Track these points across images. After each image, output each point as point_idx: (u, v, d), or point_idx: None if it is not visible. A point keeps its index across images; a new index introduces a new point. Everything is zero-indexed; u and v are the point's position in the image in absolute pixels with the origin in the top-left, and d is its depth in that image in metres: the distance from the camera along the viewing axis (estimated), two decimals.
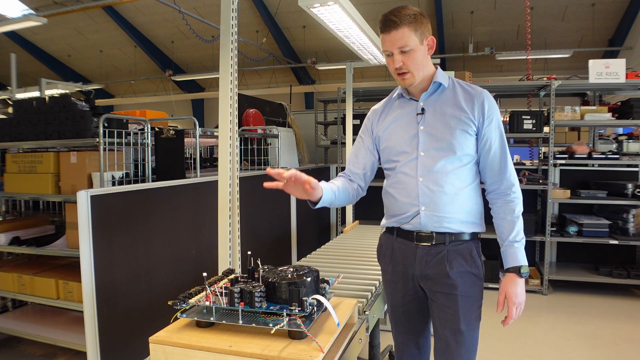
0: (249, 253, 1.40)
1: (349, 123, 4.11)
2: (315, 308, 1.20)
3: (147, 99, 14.42)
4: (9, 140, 3.12)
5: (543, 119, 4.43)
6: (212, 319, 1.21)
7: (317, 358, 1.07)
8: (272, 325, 1.14)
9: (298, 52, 11.71)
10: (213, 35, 9.37)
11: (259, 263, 1.36)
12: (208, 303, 1.23)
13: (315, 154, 5.67)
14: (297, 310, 1.15)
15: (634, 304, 4.05)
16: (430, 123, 1.51)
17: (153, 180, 3.21)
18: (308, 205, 1.52)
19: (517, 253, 1.50)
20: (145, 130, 3.22)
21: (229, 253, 1.91)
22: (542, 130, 4.41)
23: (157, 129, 3.30)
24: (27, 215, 3.83)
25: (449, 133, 1.48)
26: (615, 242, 4.18)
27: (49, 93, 6.04)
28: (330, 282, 1.39)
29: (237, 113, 1.92)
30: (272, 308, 1.21)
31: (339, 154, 5.15)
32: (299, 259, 2.58)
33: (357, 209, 5.08)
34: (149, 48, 12.13)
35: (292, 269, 1.32)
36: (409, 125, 1.55)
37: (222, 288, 1.24)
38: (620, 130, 6.46)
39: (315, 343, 1.11)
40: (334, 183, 1.59)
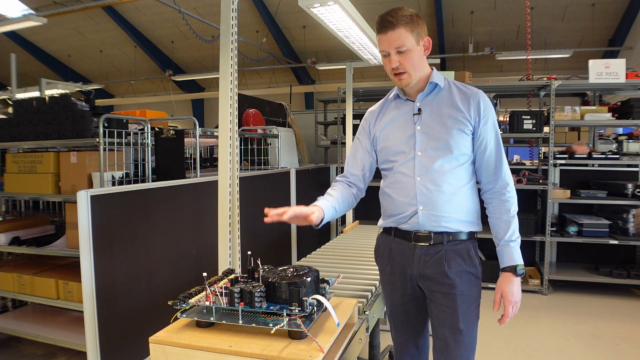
0: (249, 253, 1.40)
1: (349, 123, 4.11)
2: (315, 308, 1.20)
3: (147, 99, 14.42)
4: (9, 140, 3.12)
5: (543, 119, 4.43)
6: (212, 319, 1.21)
7: (317, 358, 1.07)
8: (272, 325, 1.14)
9: (298, 52, 11.71)
10: (213, 35, 9.36)
11: (259, 263, 1.36)
12: (208, 303, 1.23)
13: (315, 154, 5.67)
14: (297, 310, 1.16)
15: (634, 304, 4.05)
16: (427, 123, 1.53)
17: (153, 180, 3.21)
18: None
19: (512, 252, 1.52)
20: (145, 130, 3.22)
21: (229, 253, 1.91)
22: (542, 130, 4.41)
23: (157, 129, 3.31)
24: (27, 215, 3.83)
25: (446, 133, 1.50)
26: (615, 242, 4.18)
27: (49, 93, 6.04)
28: (330, 282, 1.39)
29: (237, 113, 1.92)
30: (272, 308, 1.21)
31: (339, 154, 5.15)
32: (299, 259, 2.58)
33: (357, 209, 5.08)
34: (149, 48, 12.13)
35: (292, 269, 1.32)
36: (406, 126, 1.56)
37: (222, 288, 1.24)
38: (620, 130, 6.46)
39: (315, 343, 1.11)
40: (333, 196, 1.59)
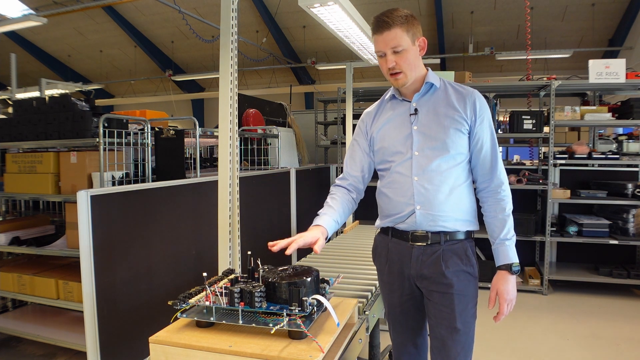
0: (249, 253, 1.40)
1: (349, 123, 4.10)
2: (315, 308, 1.20)
3: (147, 99, 14.42)
4: (9, 140, 3.12)
5: (543, 119, 4.43)
6: (212, 319, 1.21)
7: (317, 358, 1.07)
8: (272, 325, 1.14)
9: (298, 52, 11.71)
10: (213, 35, 9.36)
11: (259, 263, 1.36)
12: (208, 303, 1.23)
13: (315, 154, 5.67)
14: (297, 310, 1.16)
15: (634, 304, 4.05)
16: (424, 123, 1.53)
17: (153, 180, 3.21)
18: (308, 206, 1.52)
19: (508, 251, 1.52)
20: (145, 130, 3.22)
21: (229, 253, 1.91)
22: (542, 130, 4.41)
23: (157, 129, 3.31)
24: (27, 215, 3.84)
25: (443, 132, 1.50)
26: (615, 242, 4.18)
27: (49, 93, 6.04)
28: (330, 282, 1.39)
29: (237, 113, 1.92)
30: (272, 308, 1.21)
31: (339, 154, 5.15)
32: (299, 259, 2.58)
33: (357, 209, 5.07)
34: (149, 48, 12.13)
35: (292, 269, 1.32)
36: (403, 126, 1.57)
37: (222, 288, 1.24)
38: (620, 130, 6.46)
39: (315, 343, 1.11)
40: (334, 207, 1.60)
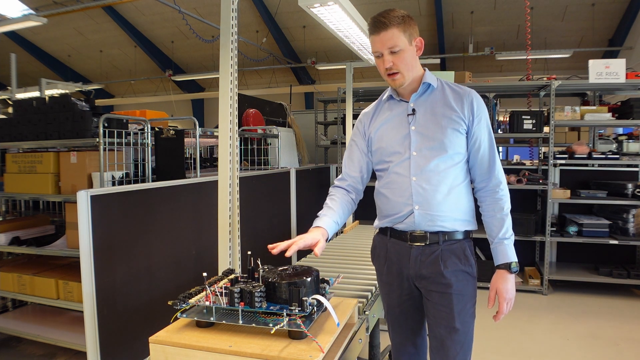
0: (249, 253, 1.40)
1: (349, 123, 4.10)
2: (315, 308, 1.20)
3: (147, 99, 14.41)
4: (9, 140, 3.12)
5: (543, 119, 4.43)
6: (212, 319, 1.21)
7: (317, 358, 1.07)
8: (272, 325, 1.14)
9: (298, 52, 11.71)
10: (213, 35, 9.36)
11: (259, 263, 1.36)
12: (208, 303, 1.23)
13: (315, 154, 5.67)
14: (297, 310, 1.16)
15: (634, 304, 4.05)
16: (422, 123, 1.54)
17: (153, 180, 3.21)
18: (308, 206, 1.52)
19: (507, 250, 1.52)
20: (145, 130, 3.22)
21: (229, 253, 1.91)
22: (542, 130, 4.40)
23: (157, 129, 3.31)
24: (27, 215, 3.83)
25: (441, 132, 1.51)
26: (615, 242, 4.18)
27: (49, 93, 6.04)
28: (330, 282, 1.39)
29: (237, 113, 1.92)
30: (272, 308, 1.21)
31: (339, 154, 5.15)
32: (299, 259, 2.57)
33: (357, 209, 5.06)
34: (149, 48, 12.13)
35: (292, 269, 1.32)
36: (400, 126, 1.57)
37: (222, 288, 1.24)
38: (620, 130, 6.46)
39: (315, 343, 1.11)
40: (334, 209, 1.60)
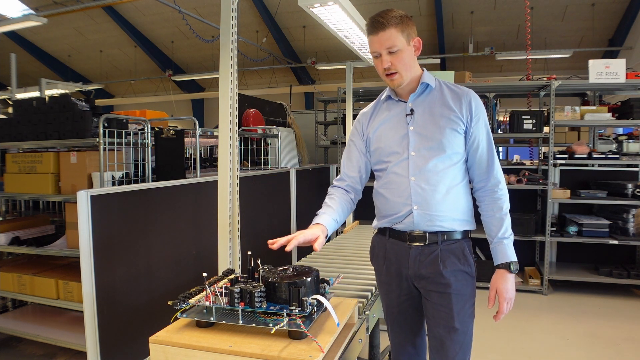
0: (249, 253, 1.40)
1: (349, 123, 4.11)
2: (315, 308, 1.20)
3: (147, 99, 14.41)
4: (9, 140, 3.12)
5: (543, 119, 4.43)
6: (212, 319, 1.21)
7: (317, 358, 1.07)
8: (272, 325, 1.14)
9: (298, 52, 11.71)
10: (213, 35, 9.36)
11: (259, 263, 1.36)
12: (208, 303, 1.23)
13: (315, 154, 5.67)
14: (297, 310, 1.16)
15: (634, 304, 4.05)
16: (420, 123, 1.54)
17: (153, 180, 3.21)
18: (308, 206, 1.53)
19: (506, 249, 1.52)
20: (145, 130, 3.22)
21: (229, 253, 1.91)
22: (542, 130, 4.41)
23: (157, 129, 3.30)
24: (27, 215, 3.83)
25: (439, 132, 1.51)
26: (615, 242, 4.18)
27: (49, 93, 6.04)
28: (330, 282, 1.39)
29: (237, 113, 1.92)
30: (272, 308, 1.21)
31: (339, 154, 5.15)
32: (299, 259, 2.58)
33: (357, 209, 5.07)
34: (149, 48, 12.13)
35: (292, 269, 1.32)
36: (399, 126, 1.57)
37: (222, 288, 1.24)
38: (620, 130, 6.46)
39: (315, 343, 1.11)
40: (333, 207, 1.60)
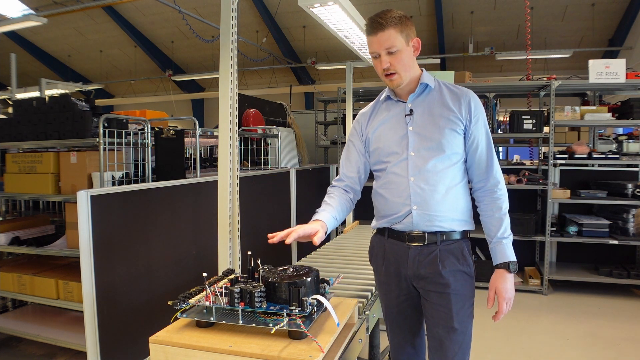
0: (249, 253, 1.41)
1: (349, 123, 4.11)
2: (315, 308, 1.20)
3: (147, 99, 14.41)
4: (9, 140, 3.12)
5: (543, 119, 4.43)
6: (212, 319, 1.21)
7: (317, 358, 1.07)
8: (272, 325, 1.14)
9: (298, 52, 11.71)
10: (213, 35, 9.36)
11: (259, 263, 1.36)
12: (208, 303, 1.23)
13: (315, 154, 5.67)
14: (297, 310, 1.16)
15: (634, 304, 4.05)
16: (419, 123, 1.54)
17: (153, 180, 3.21)
18: (308, 206, 1.53)
19: (505, 249, 1.53)
20: (145, 130, 3.22)
21: (229, 253, 1.91)
22: (542, 130, 4.41)
23: (157, 129, 3.31)
24: (27, 215, 3.83)
25: (438, 132, 1.51)
26: (615, 242, 4.18)
27: (49, 93, 6.04)
28: (330, 282, 1.39)
29: (237, 113, 1.92)
30: (272, 308, 1.21)
31: (339, 154, 5.15)
32: (299, 259, 2.58)
33: (356, 210, 5.08)
34: (149, 48, 12.13)
35: (292, 269, 1.32)
36: (398, 127, 1.57)
37: (222, 288, 1.24)
38: (620, 130, 6.46)
39: (315, 343, 1.11)
40: (332, 205, 1.60)
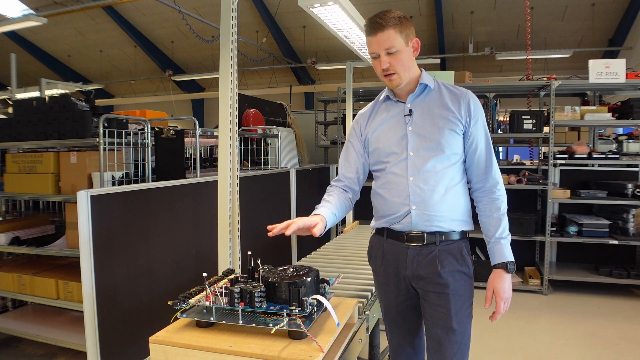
0: (249, 253, 1.41)
1: (349, 123, 4.11)
2: (315, 308, 1.20)
3: (147, 99, 14.41)
4: (9, 140, 3.12)
5: (543, 119, 4.43)
6: (212, 319, 1.21)
7: (317, 358, 1.07)
8: (272, 325, 1.14)
9: (298, 52, 11.71)
10: (213, 35, 9.36)
11: (259, 263, 1.36)
12: (208, 303, 1.23)
13: (315, 154, 5.67)
14: (297, 310, 1.16)
15: (634, 304, 4.05)
16: (419, 124, 1.54)
17: (153, 180, 3.21)
18: (308, 206, 1.53)
19: (504, 249, 1.53)
20: (145, 130, 3.22)
21: (229, 253, 1.91)
22: (542, 130, 4.41)
23: (157, 129, 3.31)
24: (27, 215, 3.83)
25: (438, 133, 1.51)
26: (615, 242, 4.18)
27: (49, 93, 6.04)
28: (330, 282, 1.39)
29: (237, 113, 1.92)
30: (272, 308, 1.21)
31: (339, 154, 5.14)
32: (299, 259, 2.58)
33: (356, 210, 5.08)
34: (149, 48, 12.13)
35: (292, 269, 1.32)
36: (397, 127, 1.57)
37: (222, 288, 1.24)
38: (620, 130, 6.46)
39: (315, 343, 1.11)
40: (331, 202, 1.60)
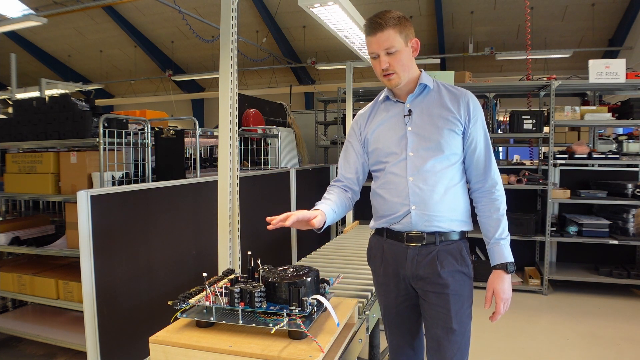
0: (249, 253, 1.41)
1: (349, 123, 4.11)
2: (315, 308, 1.21)
3: (147, 99, 14.41)
4: (9, 140, 3.12)
5: (543, 119, 4.43)
6: (212, 319, 1.22)
7: (317, 358, 1.07)
8: (272, 325, 1.14)
9: (298, 52, 11.71)
10: (213, 35, 9.36)
11: (259, 263, 1.36)
12: (208, 303, 1.23)
13: (315, 154, 5.67)
14: (297, 310, 1.16)
15: (634, 304, 4.05)
16: (418, 124, 1.54)
17: (153, 180, 3.21)
18: (308, 206, 1.53)
19: (503, 250, 1.53)
20: (145, 130, 3.22)
21: (229, 253, 1.91)
22: (542, 130, 4.41)
23: (157, 129, 3.31)
24: (27, 215, 3.83)
25: (437, 133, 1.51)
26: (615, 242, 4.18)
27: (49, 93, 6.04)
28: (330, 282, 1.39)
29: (237, 113, 1.92)
30: (272, 308, 1.21)
31: (339, 154, 5.14)
32: (299, 259, 2.58)
33: (356, 209, 5.09)
34: (149, 48, 12.13)
35: (292, 269, 1.32)
36: (397, 127, 1.58)
37: (222, 288, 1.24)
38: (620, 130, 6.47)
39: (315, 343, 1.11)
40: (331, 199, 1.60)
